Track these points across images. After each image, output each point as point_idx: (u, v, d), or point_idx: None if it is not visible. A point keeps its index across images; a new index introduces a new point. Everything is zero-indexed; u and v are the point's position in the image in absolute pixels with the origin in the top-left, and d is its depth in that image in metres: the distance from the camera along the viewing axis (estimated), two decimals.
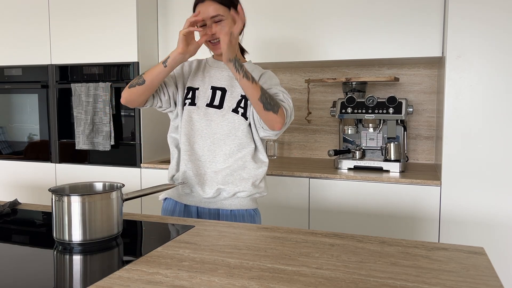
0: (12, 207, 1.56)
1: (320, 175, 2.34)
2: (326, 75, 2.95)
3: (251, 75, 1.44)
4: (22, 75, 3.00)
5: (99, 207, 1.15)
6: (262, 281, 0.91)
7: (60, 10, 2.86)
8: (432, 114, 2.76)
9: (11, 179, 3.07)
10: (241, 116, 1.55)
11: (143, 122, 2.75)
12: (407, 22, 2.39)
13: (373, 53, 2.46)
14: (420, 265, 0.99)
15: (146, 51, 2.79)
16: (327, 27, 2.53)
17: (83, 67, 2.84)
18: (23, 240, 1.20)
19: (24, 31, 2.96)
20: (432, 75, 2.74)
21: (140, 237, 1.23)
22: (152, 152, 2.86)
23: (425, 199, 2.18)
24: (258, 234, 1.23)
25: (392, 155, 2.45)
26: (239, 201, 1.58)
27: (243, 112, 1.55)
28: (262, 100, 1.44)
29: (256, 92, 1.43)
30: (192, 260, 1.03)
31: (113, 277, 0.93)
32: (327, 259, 1.03)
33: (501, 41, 2.04)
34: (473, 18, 2.06)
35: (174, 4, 2.84)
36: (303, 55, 2.59)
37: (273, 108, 1.45)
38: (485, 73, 2.07)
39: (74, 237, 1.13)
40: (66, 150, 2.93)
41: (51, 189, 1.20)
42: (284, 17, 2.61)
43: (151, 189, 1.34)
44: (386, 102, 2.44)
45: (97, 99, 2.75)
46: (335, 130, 2.95)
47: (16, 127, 3.06)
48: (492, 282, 0.89)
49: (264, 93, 1.45)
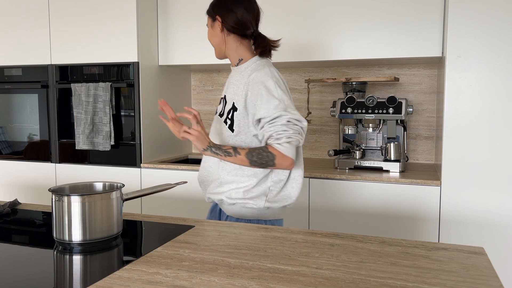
0: (12, 207, 1.56)
1: (320, 175, 2.34)
2: (326, 75, 2.95)
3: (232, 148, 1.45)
4: (22, 75, 3.00)
5: (99, 207, 1.15)
6: (262, 281, 0.91)
7: (60, 10, 2.86)
8: (432, 114, 2.76)
9: (11, 179, 3.07)
10: (228, 128, 1.54)
11: (143, 122, 2.75)
12: (407, 22, 2.39)
13: (373, 53, 2.46)
14: (420, 265, 0.99)
15: (146, 51, 2.79)
16: (327, 27, 2.53)
17: (83, 67, 2.84)
18: (23, 240, 1.20)
19: (24, 31, 2.96)
20: (432, 75, 2.74)
21: (140, 237, 1.23)
22: (152, 152, 2.86)
23: (425, 199, 2.18)
24: (258, 234, 1.23)
25: (392, 155, 2.45)
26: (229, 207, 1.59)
27: (230, 124, 1.54)
28: (254, 164, 1.45)
29: (244, 162, 1.45)
30: (192, 260, 1.02)
31: (113, 277, 0.93)
32: (327, 259, 1.03)
33: (501, 41, 2.04)
34: (473, 18, 2.06)
35: (174, 4, 2.84)
36: (303, 55, 2.59)
37: (268, 163, 1.43)
38: (485, 73, 2.07)
39: (74, 237, 1.13)
40: (66, 150, 2.93)
41: (51, 189, 1.20)
42: (284, 17, 2.61)
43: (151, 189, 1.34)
44: (386, 102, 2.44)
45: (97, 99, 2.75)
46: (335, 130, 2.95)
47: (16, 127, 3.06)
48: (492, 282, 0.89)
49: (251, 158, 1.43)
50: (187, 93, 3.26)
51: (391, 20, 2.42)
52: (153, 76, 2.86)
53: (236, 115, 1.51)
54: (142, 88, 2.74)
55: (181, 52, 2.85)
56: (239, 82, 1.55)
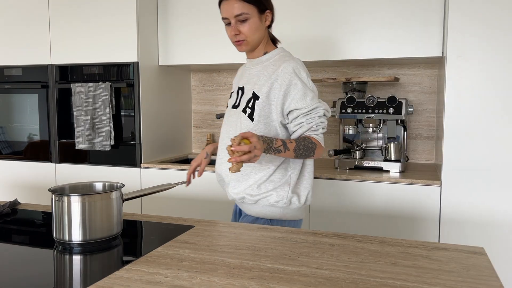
0: (12, 207, 1.56)
1: (320, 175, 2.34)
2: (326, 75, 2.95)
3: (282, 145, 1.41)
4: (22, 75, 3.00)
5: (99, 207, 1.15)
6: (262, 281, 0.90)
7: (60, 10, 2.86)
8: (432, 114, 2.76)
9: (11, 179, 3.07)
10: (248, 117, 1.53)
11: (143, 122, 2.75)
12: (407, 22, 2.39)
13: (373, 53, 2.46)
14: (420, 265, 0.99)
15: (146, 51, 2.79)
16: (327, 27, 2.53)
17: (83, 67, 2.84)
18: (23, 240, 1.20)
19: (24, 31, 2.96)
20: (432, 75, 2.74)
21: (140, 237, 1.23)
22: (152, 152, 2.86)
23: (425, 199, 2.18)
24: (258, 234, 1.23)
25: (392, 155, 2.45)
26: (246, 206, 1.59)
27: (250, 113, 1.53)
28: (298, 157, 1.46)
29: (290, 155, 1.44)
30: (192, 260, 1.02)
31: (113, 277, 0.93)
32: (327, 259, 1.03)
33: (501, 41, 2.04)
34: (474, 18, 2.06)
35: (174, 4, 2.84)
36: (303, 55, 2.59)
37: (309, 154, 1.47)
38: (485, 73, 2.07)
39: (74, 237, 1.13)
40: (66, 150, 2.92)
41: (51, 189, 1.20)
42: (283, 17, 2.61)
43: (151, 189, 1.34)
44: (386, 102, 2.43)
45: (97, 99, 2.75)
46: (335, 130, 2.95)
47: (16, 127, 3.06)
48: (492, 282, 0.89)
49: (298, 151, 1.44)
50: (187, 93, 3.27)
51: (391, 20, 2.41)
52: (153, 76, 2.86)
53: (257, 103, 1.51)
54: (142, 88, 2.74)
55: (181, 52, 2.85)
56: (261, 72, 1.55)
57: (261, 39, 1.56)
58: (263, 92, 1.51)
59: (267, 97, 1.50)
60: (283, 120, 1.53)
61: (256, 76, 1.56)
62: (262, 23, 1.54)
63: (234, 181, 1.57)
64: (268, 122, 1.52)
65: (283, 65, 1.51)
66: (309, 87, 1.51)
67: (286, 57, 1.55)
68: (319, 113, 1.50)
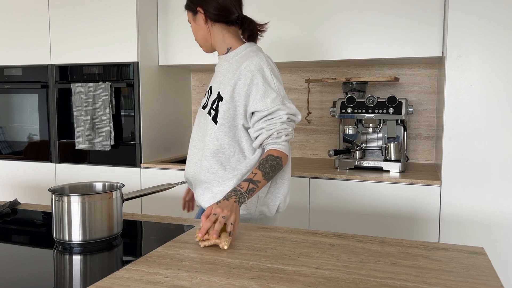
0: (12, 207, 1.56)
1: (320, 175, 2.34)
2: (326, 75, 2.95)
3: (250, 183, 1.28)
4: (22, 75, 3.00)
5: (99, 207, 1.15)
6: (262, 281, 0.90)
7: (60, 10, 2.86)
8: (432, 114, 2.76)
9: (11, 179, 3.07)
10: (212, 119, 1.44)
11: (143, 122, 2.75)
12: (407, 22, 2.39)
13: (373, 53, 2.46)
14: (420, 265, 0.99)
15: (146, 51, 2.79)
16: (327, 27, 2.53)
17: (83, 67, 2.84)
18: (23, 240, 1.20)
19: (24, 31, 2.96)
20: (432, 75, 2.74)
21: (140, 237, 1.23)
22: (152, 152, 2.86)
23: (425, 199, 2.18)
24: (258, 234, 1.23)
25: (392, 155, 2.45)
26: None
27: (214, 115, 1.44)
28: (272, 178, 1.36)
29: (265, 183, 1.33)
30: (192, 260, 1.02)
31: (113, 277, 0.93)
32: (327, 259, 1.03)
33: (501, 41, 2.04)
34: (473, 18, 2.06)
35: (174, 4, 2.84)
36: (303, 55, 2.59)
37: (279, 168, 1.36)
38: (485, 73, 2.07)
39: (74, 237, 1.13)
40: (66, 150, 2.92)
41: (51, 189, 1.20)
42: (284, 17, 2.61)
43: (151, 189, 1.34)
44: (386, 102, 2.43)
45: (97, 99, 2.75)
46: (335, 130, 2.95)
47: (16, 127, 3.05)
48: (492, 282, 0.89)
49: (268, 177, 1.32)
50: (187, 93, 3.27)
51: (391, 20, 2.42)
52: (153, 76, 2.86)
53: (221, 105, 1.42)
54: (142, 88, 2.74)
55: (181, 52, 2.85)
56: (227, 70, 1.47)
57: (207, 37, 1.51)
58: (227, 93, 1.42)
59: (231, 97, 1.41)
60: (245, 123, 1.42)
61: (222, 75, 1.48)
62: (199, 22, 1.50)
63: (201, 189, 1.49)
64: (234, 125, 1.42)
65: (246, 62, 1.41)
66: (273, 87, 1.38)
67: (251, 52, 1.45)
68: (282, 119, 1.37)
